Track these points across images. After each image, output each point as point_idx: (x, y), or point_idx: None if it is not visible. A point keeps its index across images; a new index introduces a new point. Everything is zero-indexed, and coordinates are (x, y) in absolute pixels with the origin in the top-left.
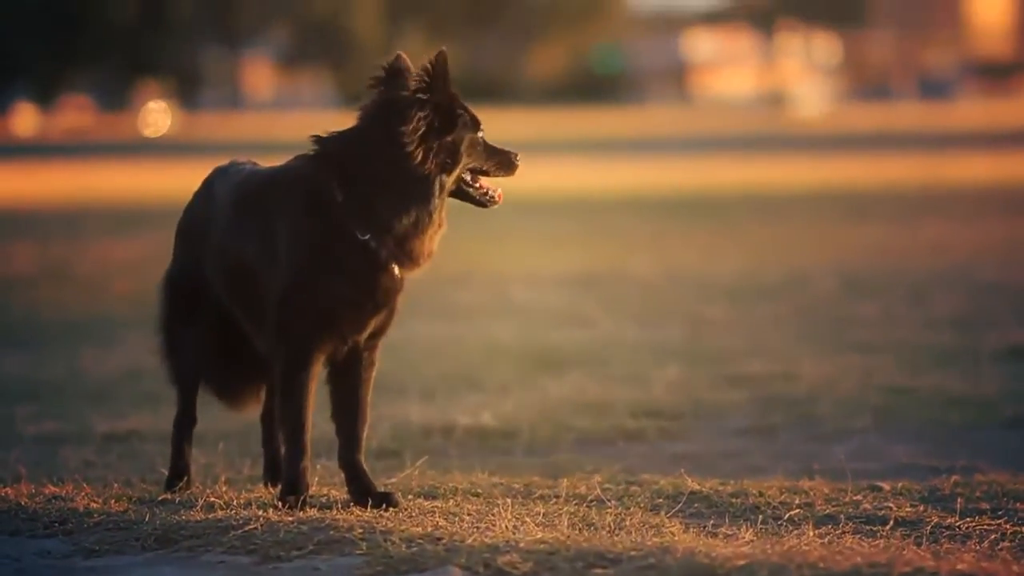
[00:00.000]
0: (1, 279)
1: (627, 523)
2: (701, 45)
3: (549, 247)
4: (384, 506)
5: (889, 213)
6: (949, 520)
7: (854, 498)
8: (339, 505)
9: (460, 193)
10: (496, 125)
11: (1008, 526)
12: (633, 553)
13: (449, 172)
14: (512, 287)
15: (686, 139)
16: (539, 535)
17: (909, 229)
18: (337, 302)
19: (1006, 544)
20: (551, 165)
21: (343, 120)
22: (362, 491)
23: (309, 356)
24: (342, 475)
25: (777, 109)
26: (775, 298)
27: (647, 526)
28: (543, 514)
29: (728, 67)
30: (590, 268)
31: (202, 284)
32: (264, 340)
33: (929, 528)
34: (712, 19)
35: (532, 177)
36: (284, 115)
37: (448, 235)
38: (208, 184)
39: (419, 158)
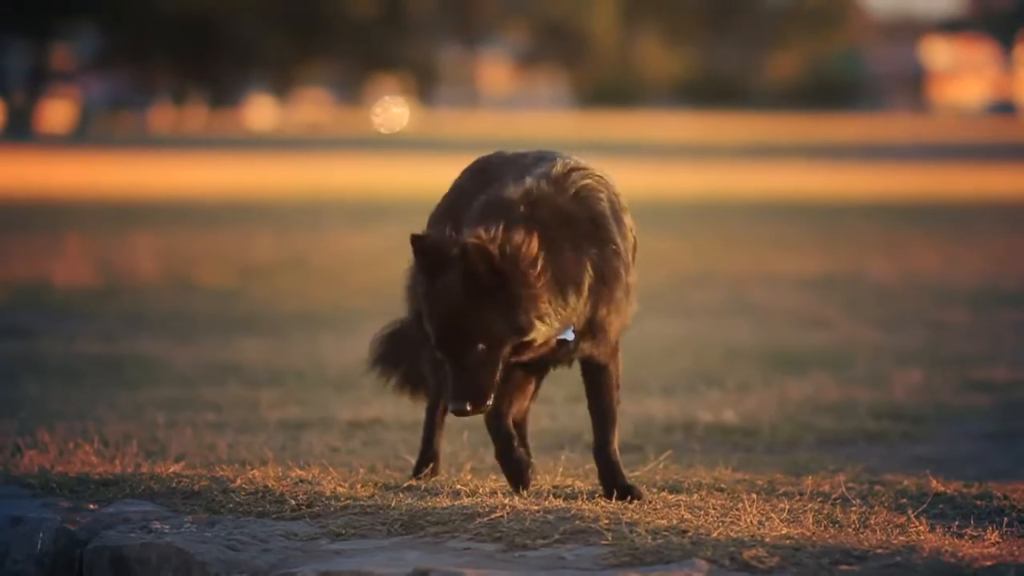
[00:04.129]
0: (242, 267)
1: (872, 522)
2: (939, 53)
3: (785, 250)
4: (628, 498)
5: None
6: None
7: None
8: (584, 496)
9: None
10: (731, 129)
11: None
12: (879, 551)
13: None
14: (749, 288)
15: (923, 146)
16: (784, 531)
17: None
18: None
19: None
20: (787, 169)
21: (577, 120)
22: (607, 482)
23: None
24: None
25: (1013, 119)
26: (1017, 305)
27: (892, 525)
28: (788, 510)
29: (966, 75)
30: (827, 271)
31: None
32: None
33: None
34: (951, 28)
35: (767, 181)
36: (520, 114)
37: (685, 237)
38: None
39: None
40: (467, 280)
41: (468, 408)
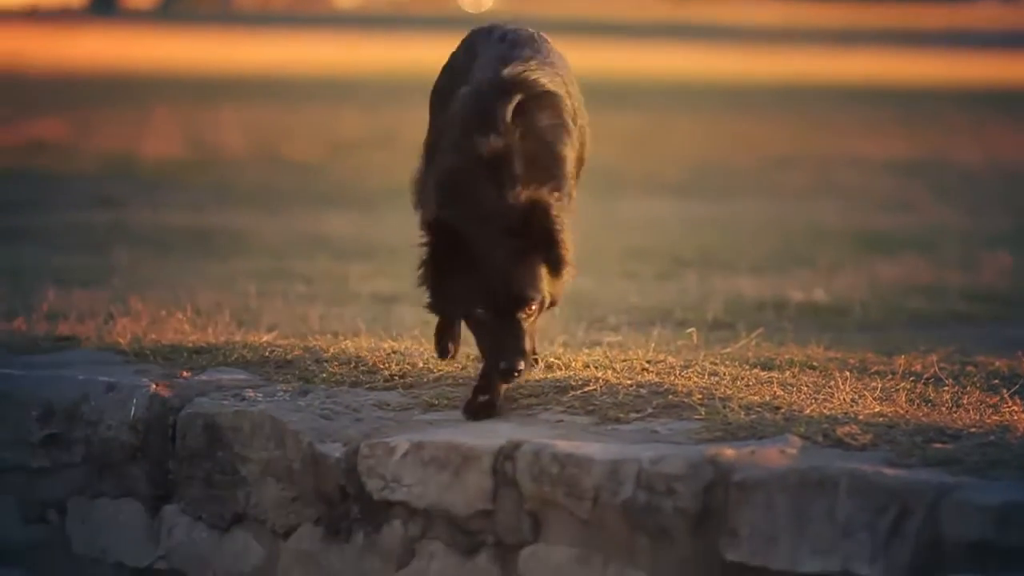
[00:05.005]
0: (330, 143)
1: (964, 401)
2: None
3: (870, 134)
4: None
5: None
6: None
7: None
8: (677, 371)
9: None
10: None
11: None
12: (973, 430)
13: None
14: (836, 170)
15: (1010, 34)
16: (877, 408)
17: None
18: None
19: None
20: (872, 55)
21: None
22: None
23: None
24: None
25: None
26: None
27: (985, 405)
28: (880, 388)
29: None
30: (913, 155)
31: None
32: None
33: None
34: None
35: (851, 66)
36: None
37: (770, 120)
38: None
39: None
40: (526, 238)
41: (522, 368)
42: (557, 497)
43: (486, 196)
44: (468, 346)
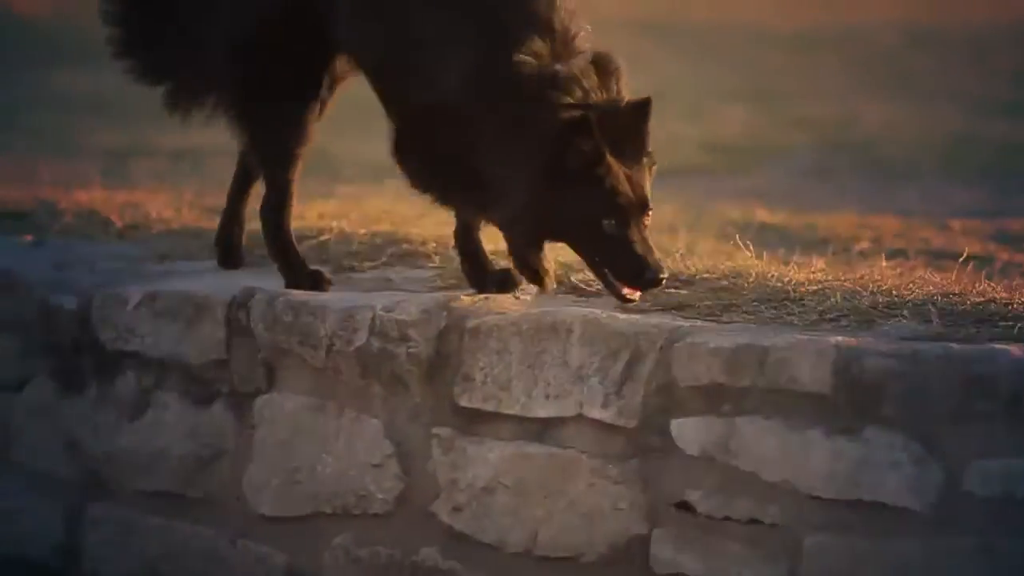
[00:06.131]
0: None
1: (699, 248)
2: None
3: None
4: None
5: None
6: (1019, 258)
7: (923, 234)
8: (412, 221)
9: None
10: None
11: None
12: (706, 276)
13: None
14: None
15: None
16: None
17: None
18: None
19: None
20: None
21: None
22: None
23: None
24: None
25: None
26: (837, 49)
27: (719, 252)
28: None
29: None
30: (649, 13)
31: None
32: None
33: (1000, 264)
34: None
35: None
36: None
37: None
38: None
39: None
40: (636, 139)
41: (666, 274)
42: (291, 345)
43: (588, 95)
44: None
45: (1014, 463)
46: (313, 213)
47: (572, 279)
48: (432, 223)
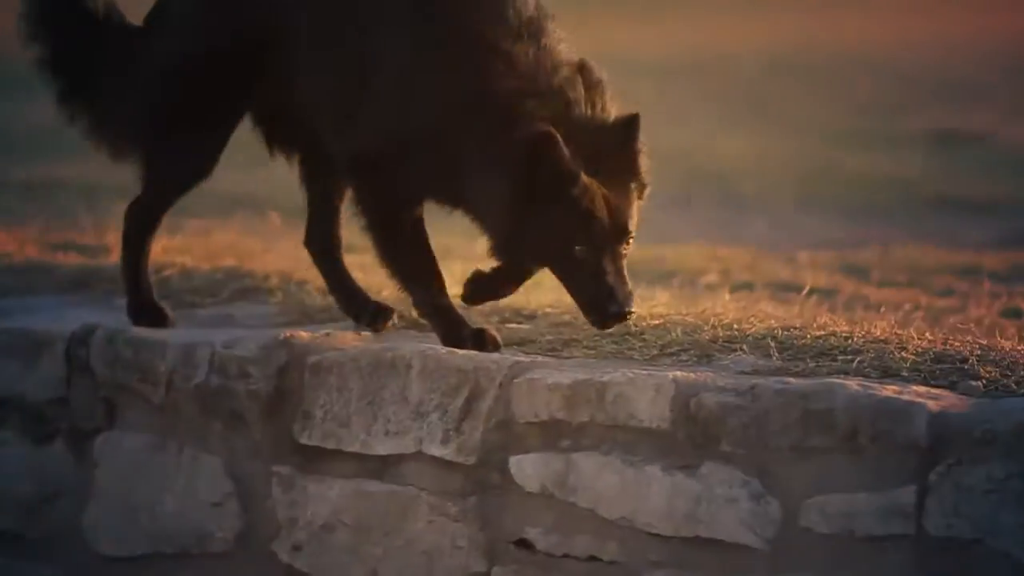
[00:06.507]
0: None
1: (543, 283)
2: None
3: None
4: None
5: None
6: (864, 290)
7: (771, 267)
8: (257, 255)
9: None
10: None
11: (922, 297)
12: (549, 309)
13: None
14: None
15: None
16: (456, 291)
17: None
18: None
19: (919, 314)
20: None
21: None
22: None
23: None
24: None
25: None
26: (700, 77)
27: (562, 287)
28: (461, 272)
29: None
30: None
31: None
32: None
33: (844, 298)
34: None
35: None
36: None
37: None
38: None
39: None
40: (621, 159)
41: (634, 309)
42: (131, 382)
43: (570, 109)
44: None
45: (853, 499)
46: (157, 248)
47: (415, 314)
48: (276, 257)
